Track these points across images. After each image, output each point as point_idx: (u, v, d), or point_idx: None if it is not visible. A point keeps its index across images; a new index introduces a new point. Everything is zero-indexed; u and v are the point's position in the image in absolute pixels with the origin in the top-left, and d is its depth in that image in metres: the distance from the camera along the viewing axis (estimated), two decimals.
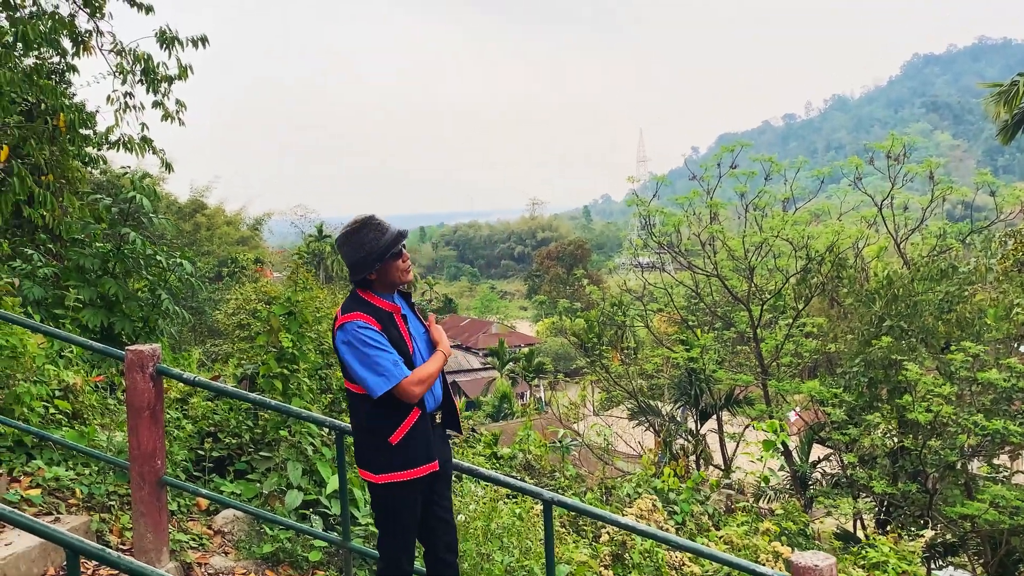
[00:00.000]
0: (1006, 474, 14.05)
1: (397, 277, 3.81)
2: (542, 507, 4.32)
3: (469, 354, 64.51)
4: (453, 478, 6.70)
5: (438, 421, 3.93)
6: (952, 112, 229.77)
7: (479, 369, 60.25)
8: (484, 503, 5.68)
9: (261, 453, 5.95)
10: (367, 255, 3.72)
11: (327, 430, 6.03)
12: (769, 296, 17.25)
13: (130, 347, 4.62)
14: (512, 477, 8.81)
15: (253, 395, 4.90)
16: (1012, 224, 17.79)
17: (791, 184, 17.81)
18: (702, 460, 17.33)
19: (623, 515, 6.81)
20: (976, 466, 13.80)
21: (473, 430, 12.17)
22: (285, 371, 6.23)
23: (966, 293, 15.08)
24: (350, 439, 4.61)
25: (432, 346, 3.97)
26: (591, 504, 8.16)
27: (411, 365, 3.72)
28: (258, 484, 5.74)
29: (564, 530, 6.87)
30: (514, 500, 6.44)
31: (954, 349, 13.09)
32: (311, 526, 5.36)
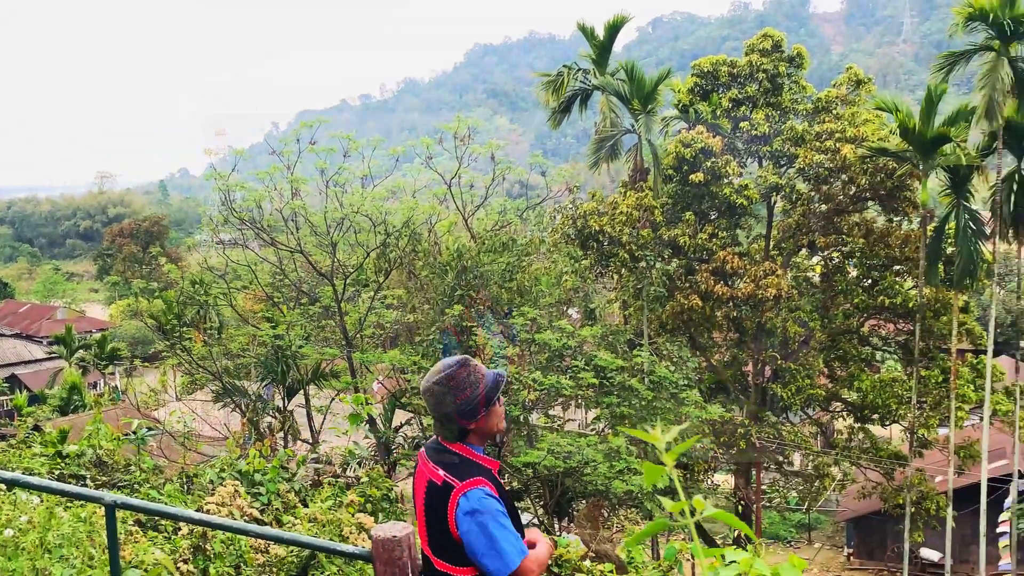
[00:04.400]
0: (560, 423, 16.04)
1: (495, 425, 3.30)
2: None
3: (31, 343, 57.62)
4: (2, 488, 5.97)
5: None
6: (509, 99, 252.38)
7: (43, 359, 54.19)
8: (39, 511, 5.15)
9: None
10: (472, 399, 3.20)
11: None
12: (352, 270, 17.71)
13: None
14: (80, 477, 8.08)
15: None
16: (559, 201, 20.16)
17: (369, 162, 18.43)
18: (290, 436, 17.35)
19: (204, 504, 6.59)
20: (535, 418, 15.57)
21: (37, 427, 10.92)
22: None
23: (524, 263, 16.85)
24: None
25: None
26: (171, 496, 7.79)
27: (521, 532, 3.20)
28: None
29: (138, 529, 6.47)
30: (81, 505, 5.91)
31: (516, 314, 14.58)
32: None
